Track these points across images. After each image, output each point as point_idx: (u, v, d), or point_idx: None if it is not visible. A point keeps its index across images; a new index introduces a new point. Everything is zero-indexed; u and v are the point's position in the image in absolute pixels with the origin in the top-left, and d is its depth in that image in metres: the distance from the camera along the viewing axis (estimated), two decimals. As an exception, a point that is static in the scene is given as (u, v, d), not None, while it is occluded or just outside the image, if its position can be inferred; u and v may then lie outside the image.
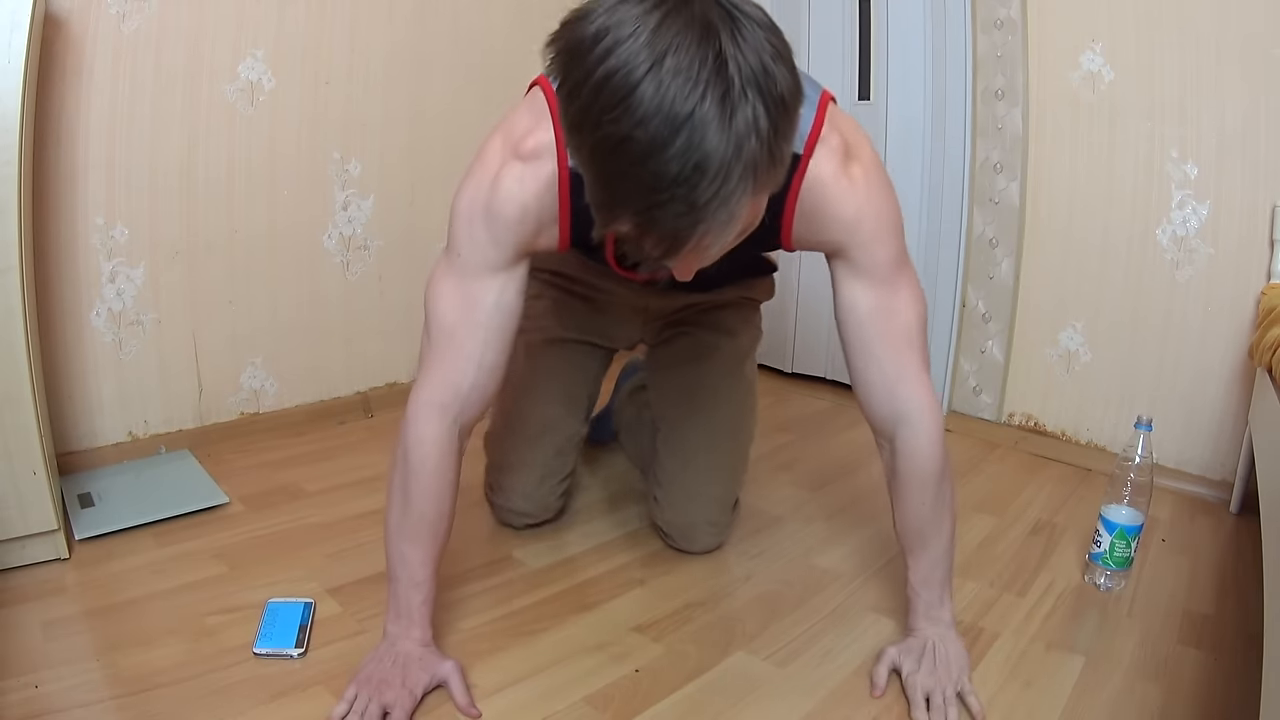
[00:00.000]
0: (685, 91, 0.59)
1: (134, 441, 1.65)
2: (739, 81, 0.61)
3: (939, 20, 1.97)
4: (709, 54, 0.60)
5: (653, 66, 0.60)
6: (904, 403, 1.01)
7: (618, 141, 0.62)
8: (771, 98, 0.62)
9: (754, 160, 0.63)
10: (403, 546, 1.01)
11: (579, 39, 0.63)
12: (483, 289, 0.96)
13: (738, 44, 0.61)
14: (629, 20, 0.61)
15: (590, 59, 0.62)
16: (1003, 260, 1.95)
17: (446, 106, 2.01)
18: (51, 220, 1.48)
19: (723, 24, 0.61)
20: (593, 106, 0.62)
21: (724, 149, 0.61)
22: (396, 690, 0.96)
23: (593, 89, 0.62)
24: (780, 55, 0.64)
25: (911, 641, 1.08)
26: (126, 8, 1.49)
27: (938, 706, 0.99)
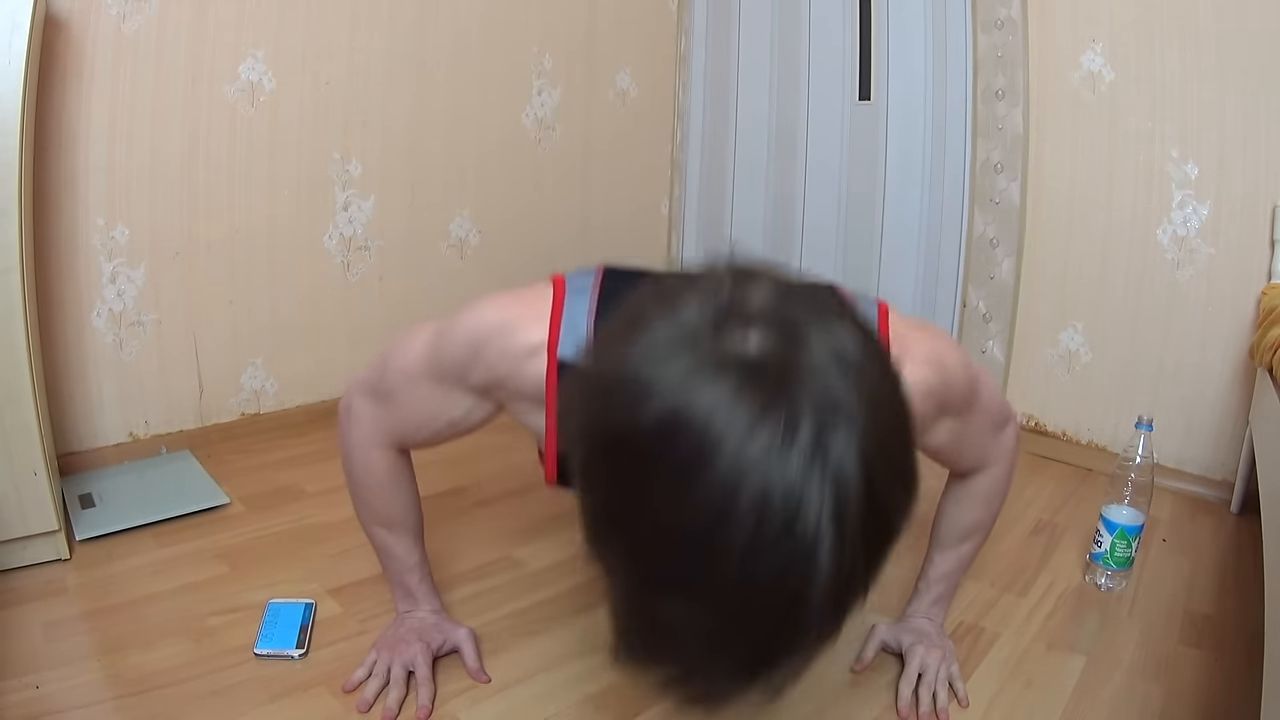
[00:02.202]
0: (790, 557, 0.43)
1: (135, 442, 1.65)
2: (852, 530, 0.44)
3: (939, 20, 1.97)
4: (824, 495, 0.43)
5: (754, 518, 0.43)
6: (989, 460, 1.03)
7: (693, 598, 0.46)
8: (884, 538, 0.48)
9: (843, 621, 0.49)
10: (381, 537, 1.05)
11: (642, 429, 0.45)
12: (453, 400, 0.90)
13: (853, 474, 0.44)
14: (724, 432, 0.43)
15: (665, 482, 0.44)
16: (1003, 260, 1.95)
17: (446, 106, 2.01)
18: (52, 221, 1.48)
19: (836, 440, 0.44)
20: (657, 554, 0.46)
21: (821, 619, 0.46)
22: (415, 647, 1.01)
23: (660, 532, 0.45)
24: (898, 466, 0.48)
25: (906, 624, 1.11)
26: (126, 8, 1.49)
27: (929, 683, 1.02)
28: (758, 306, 0.47)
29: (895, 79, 2.08)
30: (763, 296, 0.48)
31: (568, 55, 2.22)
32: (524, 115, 2.17)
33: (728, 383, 0.43)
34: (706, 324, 0.46)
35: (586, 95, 2.30)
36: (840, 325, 0.48)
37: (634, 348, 0.47)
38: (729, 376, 0.44)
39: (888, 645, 1.10)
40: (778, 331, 0.46)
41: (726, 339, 0.45)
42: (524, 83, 2.15)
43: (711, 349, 0.45)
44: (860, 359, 0.46)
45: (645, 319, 0.48)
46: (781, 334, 0.46)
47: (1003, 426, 1.02)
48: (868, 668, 1.09)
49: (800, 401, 0.43)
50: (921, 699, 1.01)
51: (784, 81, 2.31)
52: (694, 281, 0.50)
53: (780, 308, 0.47)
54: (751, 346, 0.45)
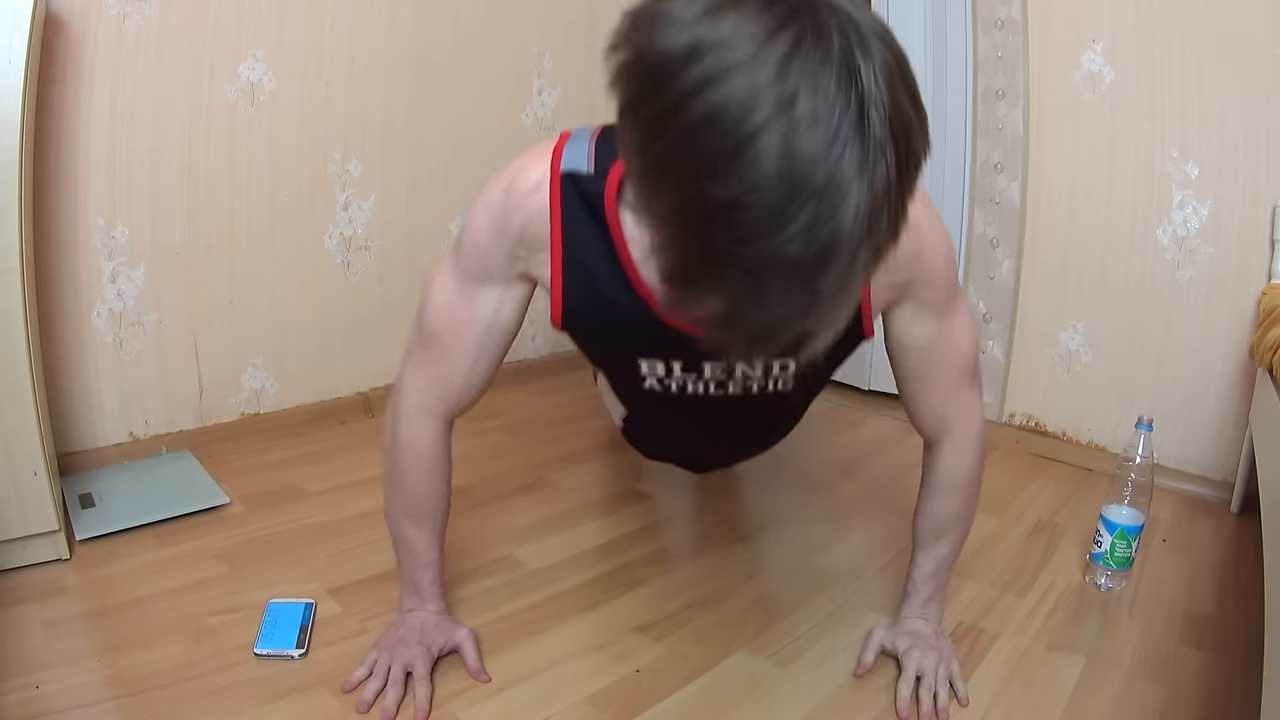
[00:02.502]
0: (821, 151, 0.46)
1: (135, 442, 1.65)
2: (879, 138, 0.47)
3: (939, 20, 1.97)
4: (850, 99, 0.46)
5: (780, 111, 0.46)
6: (953, 421, 1.02)
7: (719, 207, 0.48)
8: (909, 159, 0.50)
9: (883, 241, 0.51)
10: (406, 530, 1.05)
11: (666, 53, 0.48)
12: (480, 299, 0.92)
13: (879, 84, 0.47)
14: (744, 39, 0.46)
15: (685, 84, 0.47)
16: (1003, 260, 1.95)
17: (447, 106, 2.01)
18: (52, 221, 1.48)
19: (862, 54, 0.47)
20: (686, 152, 0.48)
21: (856, 229, 0.48)
22: (415, 649, 1.00)
23: (688, 130, 0.48)
24: (914, 96, 0.51)
25: (903, 625, 1.11)
26: (126, 8, 1.49)
27: (928, 684, 1.02)
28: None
29: (895, 79, 2.08)
30: None
31: (568, 55, 2.22)
32: (524, 115, 2.17)
33: (754, 6, 0.48)
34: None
35: (586, 95, 2.30)
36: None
37: (663, 23, 0.50)
38: (754, 3, 0.48)
39: (885, 648, 1.10)
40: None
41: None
42: (524, 83, 2.15)
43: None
44: (876, 17, 0.51)
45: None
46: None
47: (973, 385, 1.01)
48: (869, 671, 1.09)
49: (823, 15, 0.48)
50: (921, 699, 1.01)
51: (784, 81, 2.30)
52: None
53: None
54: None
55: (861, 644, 1.13)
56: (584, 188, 0.83)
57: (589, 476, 1.69)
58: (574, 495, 1.59)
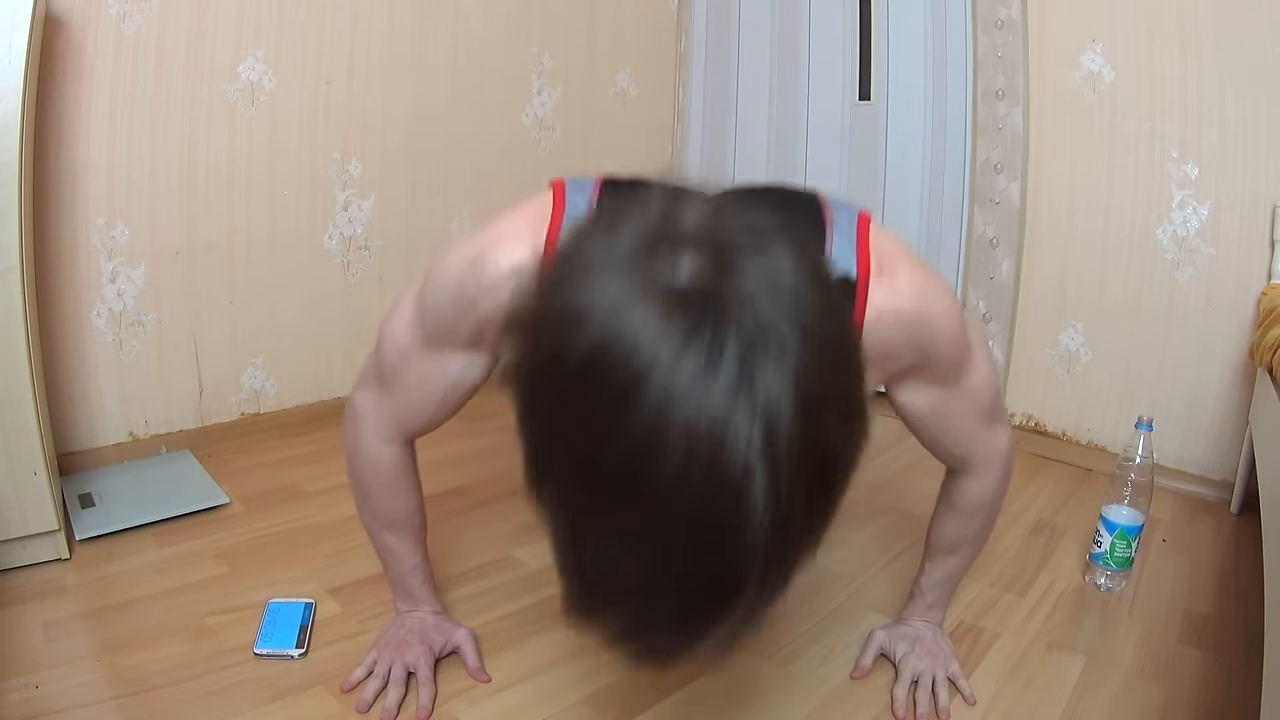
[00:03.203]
0: (705, 493, 0.42)
1: (134, 441, 1.65)
2: (779, 471, 0.42)
3: (939, 20, 1.97)
4: (746, 426, 0.41)
5: (661, 447, 0.41)
6: (974, 457, 0.98)
7: (592, 562, 0.46)
8: (825, 483, 0.46)
9: (788, 571, 0.47)
10: (384, 538, 1.04)
11: (561, 366, 0.44)
12: (444, 361, 0.87)
13: (783, 400, 0.42)
14: (658, 355, 0.41)
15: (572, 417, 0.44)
16: (1003, 260, 1.95)
17: (446, 106, 2.01)
18: (52, 221, 1.48)
19: (762, 366, 0.42)
20: (573, 499, 0.46)
21: (746, 577, 0.44)
22: (417, 649, 1.00)
23: (569, 453, 0.45)
24: (840, 397, 0.46)
25: (902, 629, 1.11)
26: (126, 8, 1.49)
27: (925, 686, 1.02)
28: (691, 229, 0.45)
29: (895, 79, 2.08)
30: (697, 218, 0.46)
31: (568, 55, 2.22)
32: (524, 115, 2.17)
33: (654, 311, 0.42)
34: (639, 249, 0.44)
35: (586, 95, 2.30)
36: (779, 250, 0.45)
37: (563, 278, 0.45)
38: (655, 305, 0.42)
39: (884, 651, 1.10)
40: (709, 257, 0.44)
41: (656, 265, 0.43)
42: (524, 83, 2.15)
43: (640, 276, 0.43)
44: (797, 286, 0.44)
45: (577, 247, 0.47)
46: (713, 259, 0.43)
47: (995, 423, 0.97)
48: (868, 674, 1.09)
49: (726, 329, 0.41)
50: (918, 701, 1.01)
51: (784, 81, 2.31)
52: (632, 202, 0.48)
53: (715, 231, 0.45)
54: (681, 272, 0.43)
55: (861, 645, 1.13)
56: None
57: (589, 476, 1.69)
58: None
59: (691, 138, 2.55)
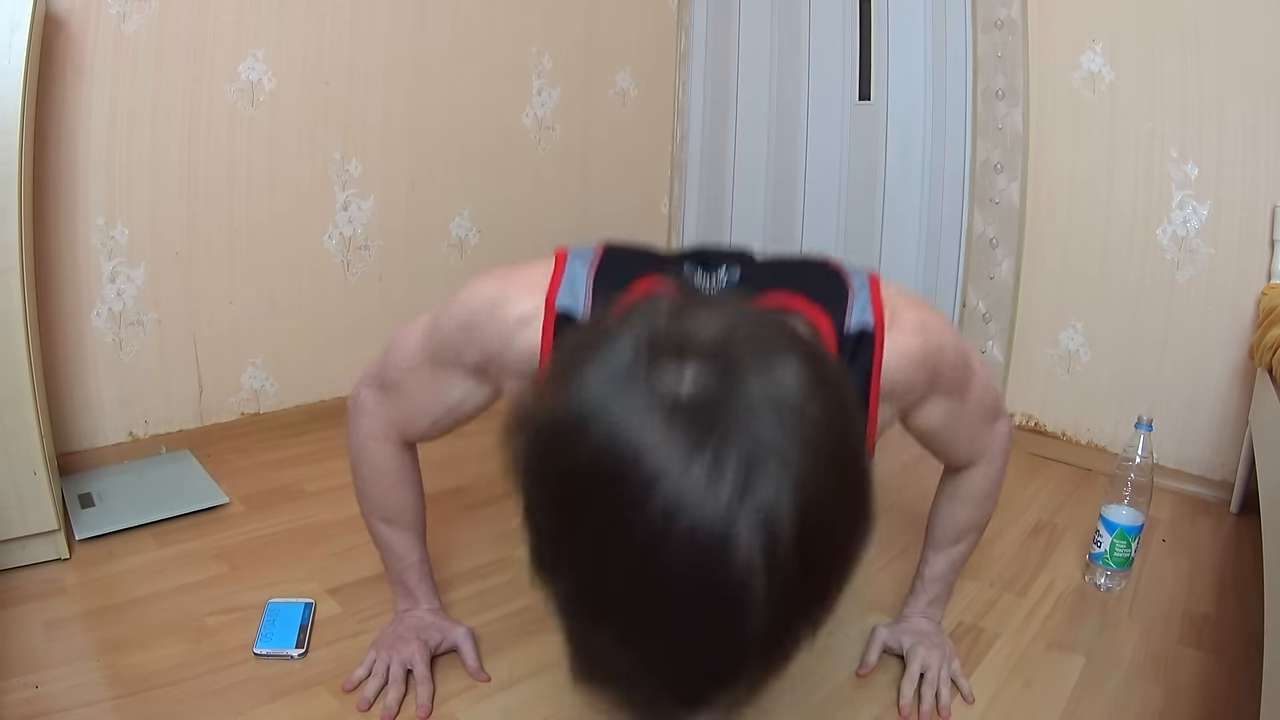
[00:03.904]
0: (704, 608, 0.43)
1: (134, 441, 1.65)
2: (776, 589, 0.43)
3: (939, 20, 1.97)
4: (746, 547, 0.42)
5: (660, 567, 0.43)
6: (980, 454, 1.02)
7: (597, 658, 0.48)
8: (821, 592, 0.48)
9: (782, 661, 0.49)
10: (383, 534, 1.05)
11: (568, 474, 0.45)
12: (450, 383, 0.91)
13: (785, 518, 0.42)
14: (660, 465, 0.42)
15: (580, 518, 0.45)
16: (1003, 260, 1.95)
17: (446, 106, 2.01)
18: (52, 220, 1.48)
19: (764, 482, 0.42)
20: (577, 591, 0.47)
21: (738, 672, 0.46)
22: (413, 646, 1.01)
23: (571, 564, 0.46)
24: (842, 511, 0.46)
25: (905, 624, 1.11)
26: (126, 8, 1.48)
27: (931, 681, 1.03)
28: (695, 340, 0.46)
29: (895, 79, 2.08)
30: (702, 328, 0.47)
31: (568, 55, 2.21)
32: (524, 115, 2.17)
33: (656, 425, 0.43)
34: (641, 359, 0.45)
35: (586, 95, 2.30)
36: (784, 360, 0.46)
37: (568, 384, 0.46)
38: (658, 418, 0.43)
39: (889, 647, 1.10)
40: (712, 369, 0.44)
41: (659, 376, 0.44)
42: (524, 82, 2.15)
43: (642, 388, 0.44)
44: (800, 397, 0.45)
45: (582, 352, 0.47)
46: (716, 372, 0.44)
47: (996, 418, 1.01)
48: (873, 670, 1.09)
49: (728, 442, 0.42)
50: (924, 697, 1.02)
51: (784, 81, 2.31)
52: (635, 310, 0.49)
53: (719, 341, 0.46)
54: (684, 385, 0.44)
55: (863, 643, 1.13)
56: None
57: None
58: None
59: (691, 138, 2.55)
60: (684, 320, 0.47)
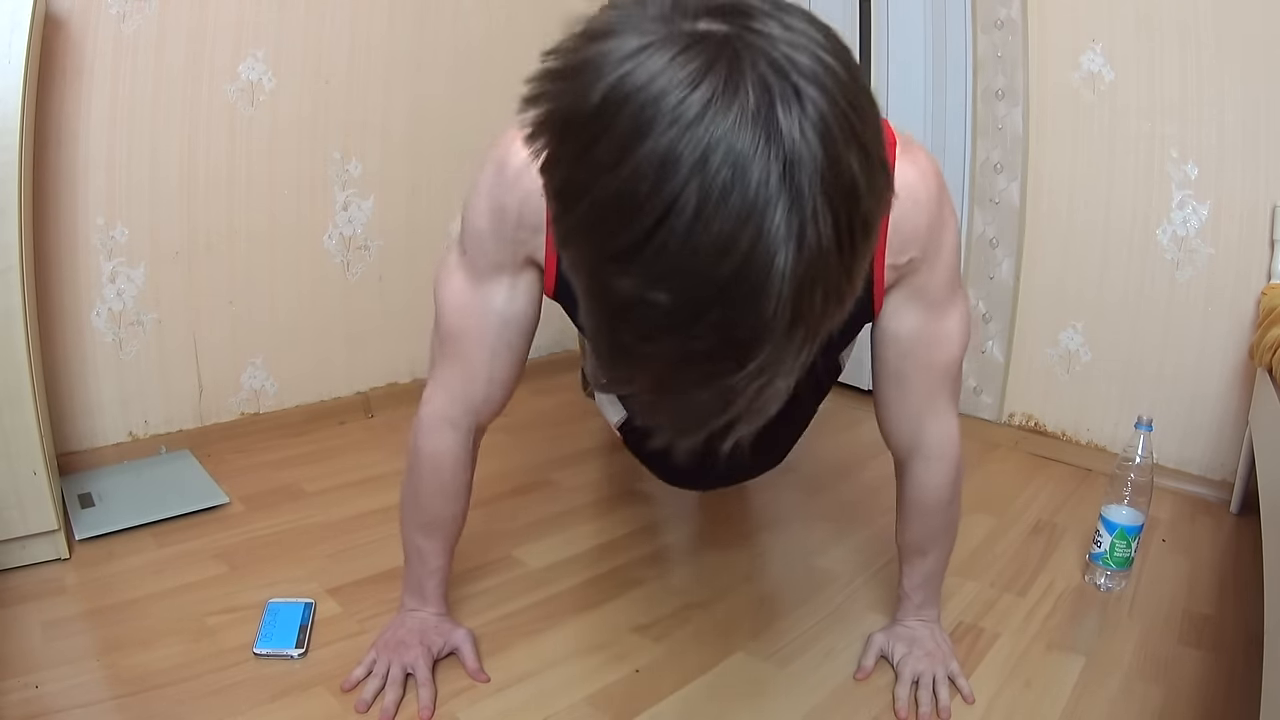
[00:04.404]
0: (731, 233, 0.42)
1: (134, 441, 1.65)
2: (808, 206, 0.42)
3: (939, 20, 1.97)
4: (768, 165, 0.41)
5: (685, 190, 0.42)
6: (925, 435, 0.98)
7: (622, 304, 0.45)
8: (852, 221, 0.44)
9: (818, 320, 0.46)
10: (417, 540, 1.04)
11: (578, 118, 0.45)
12: (490, 292, 0.90)
13: (807, 141, 0.42)
14: (657, 98, 0.42)
15: (594, 159, 0.44)
16: (1003, 260, 1.95)
17: (447, 106, 2.01)
18: (51, 220, 1.48)
19: (785, 108, 0.42)
20: (593, 236, 0.46)
21: (778, 320, 0.44)
22: (415, 650, 1.00)
23: (594, 211, 0.45)
24: (861, 144, 0.44)
25: (899, 630, 1.11)
26: (126, 8, 1.48)
27: (926, 685, 1.02)
28: (710, 2, 0.46)
29: (895, 79, 2.08)
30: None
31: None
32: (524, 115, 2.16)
33: (671, 51, 0.42)
34: (658, 14, 0.45)
35: (586, 95, 2.29)
36: (799, 16, 0.46)
37: (587, 39, 0.47)
38: (673, 47, 0.43)
39: (883, 653, 1.10)
40: (728, 14, 0.44)
41: (675, 23, 0.44)
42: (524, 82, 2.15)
43: (659, 30, 0.44)
44: (817, 41, 0.44)
45: (600, 16, 0.48)
46: (732, 15, 0.44)
47: (951, 400, 0.97)
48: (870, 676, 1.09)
49: (744, 60, 0.42)
50: (920, 701, 1.01)
51: (784, 81, 2.30)
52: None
53: (733, 3, 0.46)
54: (700, 25, 0.44)
55: (861, 645, 1.13)
56: None
57: (589, 476, 1.69)
58: (574, 495, 1.59)
59: (691, 138, 2.54)
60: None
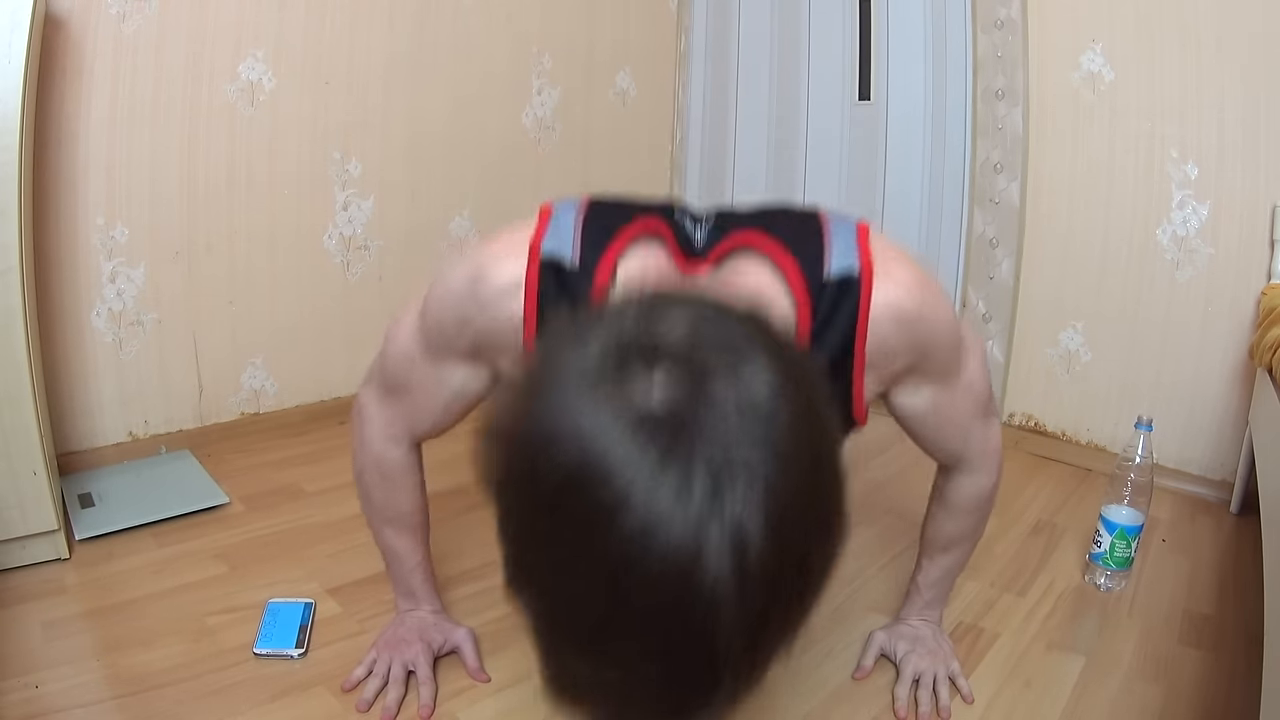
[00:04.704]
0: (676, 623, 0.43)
1: (134, 441, 1.65)
2: (748, 594, 0.42)
3: (939, 20, 1.97)
4: (714, 552, 0.41)
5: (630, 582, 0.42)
6: (968, 453, 0.98)
7: (573, 678, 0.48)
8: (793, 599, 0.46)
9: (753, 678, 0.47)
10: (388, 539, 1.05)
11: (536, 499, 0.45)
12: (446, 371, 0.88)
13: (752, 521, 0.42)
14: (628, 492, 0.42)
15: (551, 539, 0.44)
16: (1003, 260, 1.95)
17: (446, 106, 2.01)
18: (52, 220, 1.48)
19: (731, 488, 0.42)
20: (552, 620, 0.47)
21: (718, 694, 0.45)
22: (416, 648, 1.01)
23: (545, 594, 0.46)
24: (807, 523, 0.45)
25: (901, 628, 1.11)
26: (126, 8, 1.49)
27: (926, 685, 1.02)
28: (663, 343, 0.45)
29: (895, 79, 2.08)
30: (670, 329, 0.46)
31: (568, 55, 2.21)
32: (524, 115, 2.17)
33: (625, 440, 0.42)
34: (609, 366, 0.44)
35: (586, 95, 2.30)
36: (753, 362, 0.45)
37: (537, 397, 0.46)
38: (626, 433, 0.42)
39: (885, 651, 1.10)
40: (680, 376, 0.44)
41: (627, 386, 0.43)
42: (524, 83, 2.15)
43: (611, 399, 0.43)
44: (771, 405, 0.44)
45: (552, 360, 0.47)
46: (684, 379, 0.44)
47: (988, 417, 0.97)
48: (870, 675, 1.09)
49: (695, 457, 0.42)
50: (920, 700, 1.01)
51: (784, 81, 2.31)
52: (603, 314, 0.48)
53: (687, 345, 0.45)
54: (653, 394, 0.43)
55: (860, 644, 1.13)
56: (568, 285, 0.77)
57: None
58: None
59: (691, 138, 2.55)
60: (653, 321, 0.47)
